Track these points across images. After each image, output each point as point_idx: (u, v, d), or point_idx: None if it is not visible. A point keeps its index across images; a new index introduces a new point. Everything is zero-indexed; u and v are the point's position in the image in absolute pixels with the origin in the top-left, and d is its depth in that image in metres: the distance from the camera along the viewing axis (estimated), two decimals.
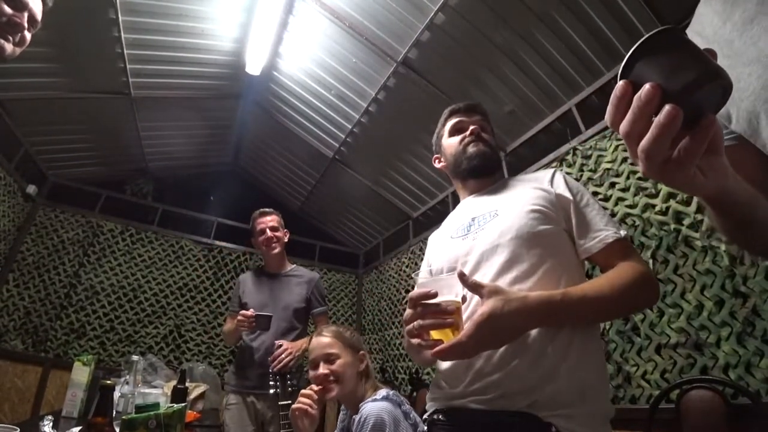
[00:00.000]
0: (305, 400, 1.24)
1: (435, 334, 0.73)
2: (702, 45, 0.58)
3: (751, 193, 0.52)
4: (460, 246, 0.98)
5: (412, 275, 0.91)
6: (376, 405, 1.15)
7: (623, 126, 0.40)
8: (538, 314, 0.74)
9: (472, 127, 1.11)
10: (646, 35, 0.38)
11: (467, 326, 0.70)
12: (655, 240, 1.85)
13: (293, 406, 1.26)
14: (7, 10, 0.86)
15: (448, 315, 0.72)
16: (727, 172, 0.44)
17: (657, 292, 0.84)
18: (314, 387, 1.27)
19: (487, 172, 1.10)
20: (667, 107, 0.36)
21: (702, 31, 0.60)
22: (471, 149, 1.09)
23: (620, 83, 0.40)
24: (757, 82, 0.50)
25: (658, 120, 0.37)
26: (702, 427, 1.45)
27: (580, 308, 0.77)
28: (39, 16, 0.93)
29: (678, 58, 0.37)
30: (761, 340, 1.46)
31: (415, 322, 0.74)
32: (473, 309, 0.85)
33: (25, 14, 0.90)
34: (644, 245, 1.89)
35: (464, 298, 0.80)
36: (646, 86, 0.37)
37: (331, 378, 1.29)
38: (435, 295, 0.73)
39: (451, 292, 0.76)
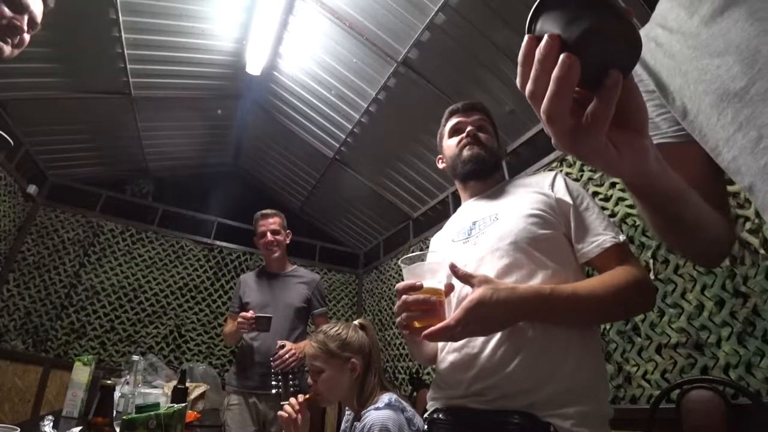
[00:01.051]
0: (288, 409, 1.23)
1: (419, 324, 0.74)
2: (665, 36, 0.57)
3: (681, 188, 0.50)
4: (461, 250, 0.98)
5: (399, 262, 0.93)
6: (379, 414, 1.12)
7: (528, 85, 0.36)
8: (526, 306, 0.75)
9: (468, 129, 1.10)
10: None
11: (456, 311, 0.72)
12: (656, 240, 1.85)
13: (278, 412, 1.25)
14: (8, 12, 0.86)
15: (430, 306, 0.74)
16: (647, 155, 0.42)
17: (652, 298, 0.84)
18: (300, 397, 1.26)
19: (484, 175, 1.09)
20: (561, 57, 0.33)
21: (665, 23, 0.58)
22: (466, 152, 1.09)
23: (525, 39, 0.36)
24: (727, 73, 0.48)
25: (554, 74, 0.33)
26: (702, 427, 1.45)
27: (570, 305, 0.77)
28: (39, 18, 0.93)
29: (578, 7, 0.33)
30: (762, 340, 1.46)
31: (402, 315, 0.76)
32: (464, 297, 0.86)
33: (26, 17, 0.90)
34: (645, 245, 1.89)
35: (452, 286, 0.81)
36: (545, 38, 0.34)
37: (317, 392, 1.29)
38: (420, 287, 0.75)
39: (434, 276, 0.78)
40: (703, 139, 0.52)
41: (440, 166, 1.22)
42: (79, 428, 1.23)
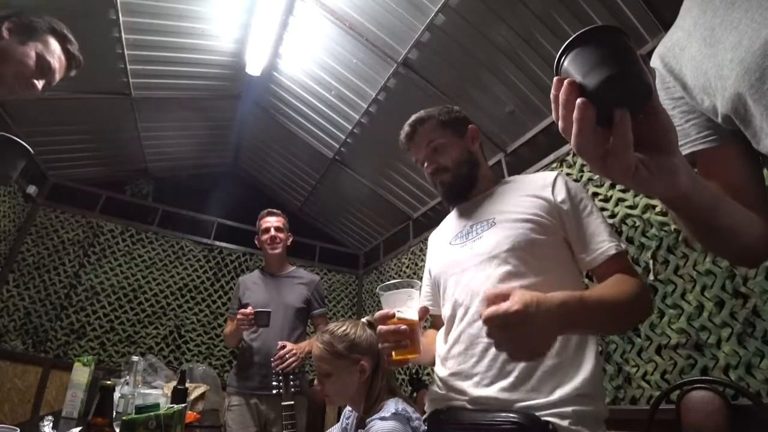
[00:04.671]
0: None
1: (395, 355, 0.79)
2: (685, 39, 0.58)
3: (714, 197, 0.51)
4: (458, 254, 0.98)
5: (377, 290, 0.93)
6: (385, 426, 1.06)
7: (559, 123, 0.42)
8: (565, 310, 0.64)
9: (425, 167, 1.08)
10: (577, 33, 0.40)
11: (492, 308, 0.60)
12: (656, 241, 1.85)
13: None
14: (38, 85, 1.16)
15: (400, 335, 0.78)
16: (677, 172, 0.44)
17: (651, 306, 0.87)
18: None
19: (466, 191, 1.08)
20: (577, 102, 0.38)
21: (683, 24, 0.59)
22: (439, 188, 1.09)
23: (554, 81, 0.41)
24: (740, 66, 0.48)
25: (574, 116, 0.39)
26: (702, 428, 1.45)
27: (598, 311, 0.71)
28: (57, 79, 1.20)
29: (596, 58, 0.39)
30: (761, 341, 1.46)
31: (380, 344, 0.81)
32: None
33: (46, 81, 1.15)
34: (645, 246, 1.89)
35: (426, 309, 0.85)
36: (564, 84, 0.39)
37: (324, 395, 1.26)
38: (392, 316, 0.80)
39: (405, 303, 0.81)
40: (741, 126, 0.53)
41: None
42: (79, 429, 1.23)
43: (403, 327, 0.77)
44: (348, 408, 1.32)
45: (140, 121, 3.45)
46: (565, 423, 0.74)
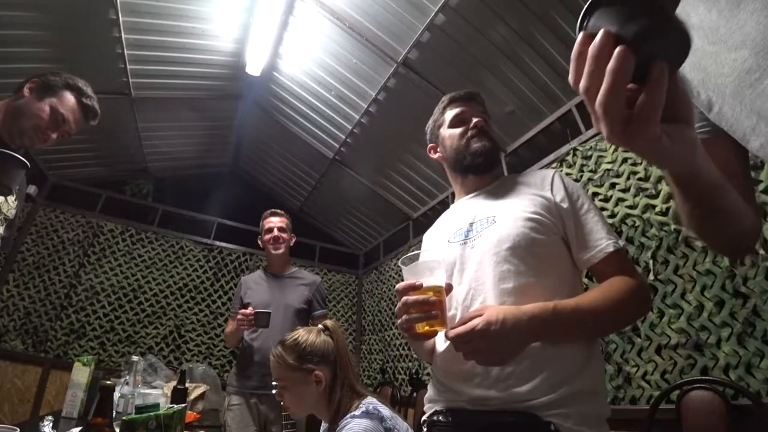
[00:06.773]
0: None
1: (420, 327, 0.74)
2: None
3: (721, 177, 0.51)
4: (458, 251, 0.97)
5: (398, 262, 0.91)
6: (354, 424, 1.03)
7: (582, 81, 0.37)
8: (533, 322, 0.74)
9: (475, 120, 1.07)
10: None
11: (461, 327, 0.72)
12: (656, 240, 1.85)
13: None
14: (53, 135, 1.27)
15: (430, 306, 0.73)
16: (694, 145, 0.42)
17: (650, 304, 0.86)
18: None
19: (487, 169, 1.07)
20: (617, 50, 0.34)
21: (687, 20, 0.59)
22: (475, 145, 1.05)
23: (579, 36, 0.37)
24: (742, 66, 0.49)
25: (609, 66, 0.35)
26: (702, 427, 1.45)
27: (574, 320, 0.77)
28: (73, 128, 1.34)
29: (632, 6, 0.35)
30: (762, 341, 1.46)
31: (403, 317, 0.75)
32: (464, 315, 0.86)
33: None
34: (644, 246, 1.89)
35: (451, 286, 0.81)
36: (600, 33, 0.35)
37: (284, 408, 1.23)
38: (420, 286, 0.75)
39: (432, 274, 0.77)
40: (730, 129, 0.53)
41: (433, 155, 1.17)
42: (79, 429, 1.23)
43: (433, 298, 0.73)
44: (324, 423, 1.27)
45: (140, 121, 3.45)
46: (567, 423, 0.73)
